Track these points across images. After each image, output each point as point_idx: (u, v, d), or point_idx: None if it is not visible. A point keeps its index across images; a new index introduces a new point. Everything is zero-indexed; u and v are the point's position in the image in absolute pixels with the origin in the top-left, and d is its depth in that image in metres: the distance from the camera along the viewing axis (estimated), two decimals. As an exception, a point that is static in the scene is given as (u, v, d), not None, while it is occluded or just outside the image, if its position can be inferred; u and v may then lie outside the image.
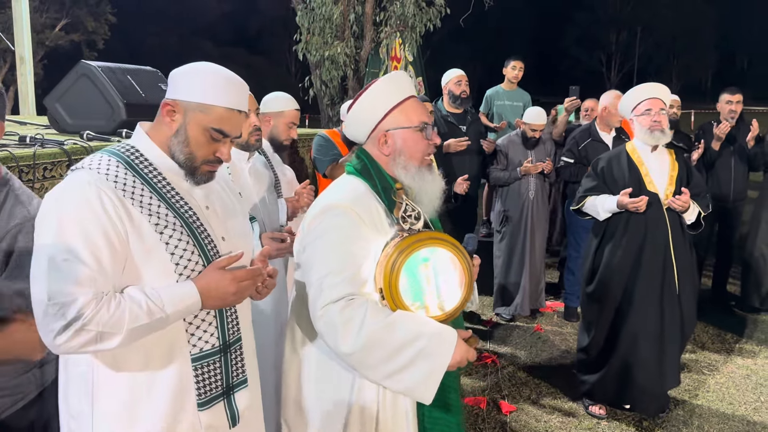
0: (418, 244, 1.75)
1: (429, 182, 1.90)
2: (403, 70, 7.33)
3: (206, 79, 1.60)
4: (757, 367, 4.39)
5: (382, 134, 1.88)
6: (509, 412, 3.74)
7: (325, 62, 7.44)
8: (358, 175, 1.89)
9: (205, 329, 1.62)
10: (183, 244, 1.57)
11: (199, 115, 1.59)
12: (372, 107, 1.89)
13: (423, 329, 1.70)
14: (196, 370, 1.60)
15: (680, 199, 3.33)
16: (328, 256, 1.74)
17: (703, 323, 5.19)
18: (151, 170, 1.60)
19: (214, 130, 1.60)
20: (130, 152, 1.60)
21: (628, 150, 3.55)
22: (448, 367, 1.70)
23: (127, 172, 1.55)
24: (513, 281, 5.23)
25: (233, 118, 1.62)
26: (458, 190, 4.61)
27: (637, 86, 3.55)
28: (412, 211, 1.86)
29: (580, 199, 3.64)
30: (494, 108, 6.40)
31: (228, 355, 1.67)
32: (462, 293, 1.83)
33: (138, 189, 1.54)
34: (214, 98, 1.59)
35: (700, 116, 18.16)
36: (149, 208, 1.54)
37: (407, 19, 7.30)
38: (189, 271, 1.57)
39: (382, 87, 1.89)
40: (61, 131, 3.53)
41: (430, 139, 1.92)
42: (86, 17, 28.26)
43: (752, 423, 3.65)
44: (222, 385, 1.66)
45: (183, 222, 1.59)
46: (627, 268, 3.46)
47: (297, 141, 5.25)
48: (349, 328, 1.66)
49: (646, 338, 3.44)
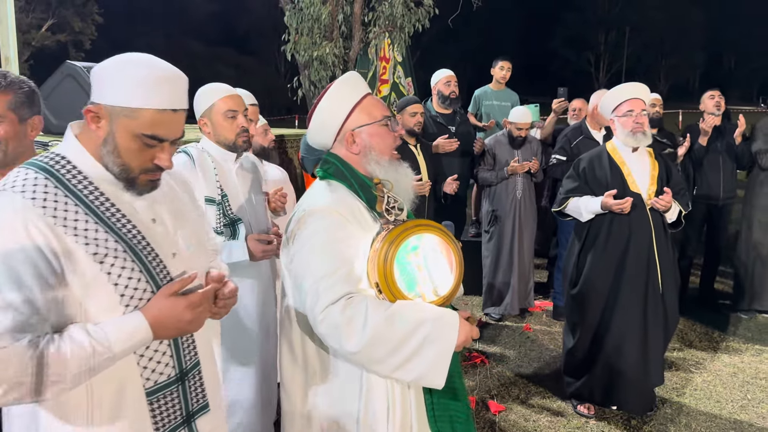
0: (406, 232, 1.75)
1: (402, 175, 1.92)
2: (411, 80, 7.36)
3: (130, 77, 1.37)
4: (744, 365, 4.42)
5: (349, 134, 1.89)
6: (498, 412, 3.74)
7: (313, 62, 7.42)
8: (332, 178, 1.90)
9: (159, 360, 1.46)
10: (128, 272, 1.39)
11: (126, 121, 1.38)
12: (333, 111, 1.89)
13: (425, 315, 1.70)
14: (152, 404, 1.46)
15: (663, 199, 3.34)
16: (318, 260, 1.73)
17: (691, 322, 5.22)
18: (86, 185, 1.40)
19: (146, 136, 1.39)
20: (59, 164, 1.40)
21: (608, 150, 3.55)
22: (455, 348, 1.71)
23: (58, 191, 1.35)
24: (502, 281, 5.24)
25: (167, 119, 1.41)
26: (448, 189, 4.61)
27: (618, 86, 3.55)
28: (395, 202, 1.88)
29: (562, 201, 3.63)
30: (482, 108, 6.41)
31: (186, 382, 1.54)
32: (455, 276, 1.84)
33: (71, 212, 1.35)
34: (141, 100, 1.37)
35: (688, 116, 18.29)
36: (85, 235, 1.35)
37: (396, 19, 7.30)
38: (137, 301, 1.40)
39: (337, 90, 1.90)
40: (46, 132, 3.50)
41: (395, 131, 1.94)
42: (73, 17, 28.08)
43: (739, 421, 3.68)
44: (182, 414, 1.53)
45: (126, 246, 1.40)
46: (611, 270, 3.47)
47: (285, 141, 5.24)
48: (353, 327, 1.65)
49: (632, 338, 3.45)
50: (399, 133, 1.96)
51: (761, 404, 3.86)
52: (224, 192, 2.58)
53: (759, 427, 3.60)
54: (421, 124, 4.47)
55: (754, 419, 3.69)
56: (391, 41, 7.37)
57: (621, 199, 3.34)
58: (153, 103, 1.38)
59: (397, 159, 1.94)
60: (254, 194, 2.76)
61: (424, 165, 4.48)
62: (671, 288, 3.51)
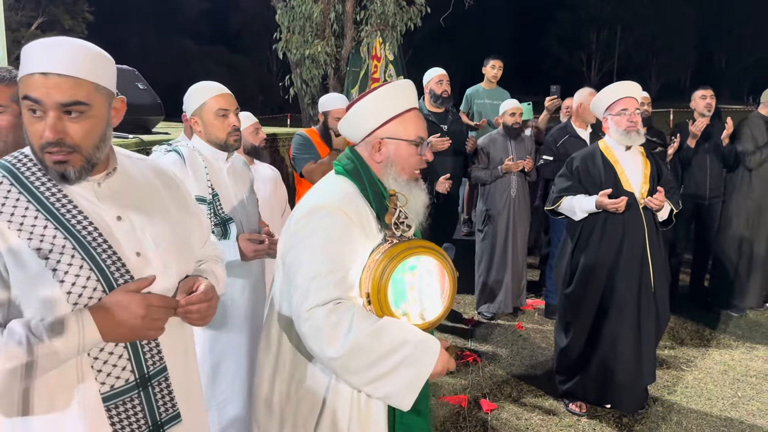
0: (408, 251, 1.73)
1: (416, 196, 1.90)
2: (403, 78, 7.33)
3: (24, 52, 1.37)
4: (735, 363, 4.45)
5: (378, 140, 1.87)
6: (490, 411, 3.74)
7: (305, 61, 7.41)
8: (347, 176, 1.87)
9: (115, 363, 1.42)
10: (75, 269, 1.36)
11: (19, 92, 1.36)
12: (373, 111, 1.87)
13: (409, 337, 1.68)
14: (110, 410, 1.41)
15: (657, 198, 3.35)
16: (316, 258, 1.70)
17: (681, 319, 5.25)
18: (44, 182, 1.40)
19: (24, 98, 1.34)
20: (21, 162, 1.42)
21: (601, 149, 3.56)
22: (430, 376, 1.69)
23: (12, 188, 1.37)
24: (496, 279, 5.24)
25: (39, 81, 1.33)
26: (440, 189, 4.61)
27: (611, 85, 3.55)
28: (405, 218, 1.85)
29: (555, 200, 3.62)
30: (474, 107, 6.42)
31: (149, 389, 1.48)
32: (444, 305, 1.83)
33: (20, 208, 1.35)
34: (23, 68, 1.36)
35: (679, 114, 18.36)
36: (31, 231, 1.34)
37: (388, 18, 7.29)
38: (86, 299, 1.36)
39: (386, 93, 1.88)
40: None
41: (423, 154, 1.91)
42: (63, 15, 27.87)
43: (729, 418, 3.70)
44: (146, 423, 1.48)
45: (75, 241, 1.37)
46: (605, 269, 3.48)
47: (277, 140, 5.22)
48: (336, 333, 1.63)
49: (626, 337, 3.46)
50: (427, 158, 1.93)
51: (751, 401, 3.88)
52: (215, 191, 2.57)
53: (749, 424, 3.62)
54: None
55: (744, 416, 3.71)
56: (383, 40, 7.37)
57: (615, 198, 3.35)
58: (27, 69, 1.35)
59: (415, 180, 1.92)
60: (245, 194, 2.74)
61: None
62: (662, 286, 3.52)
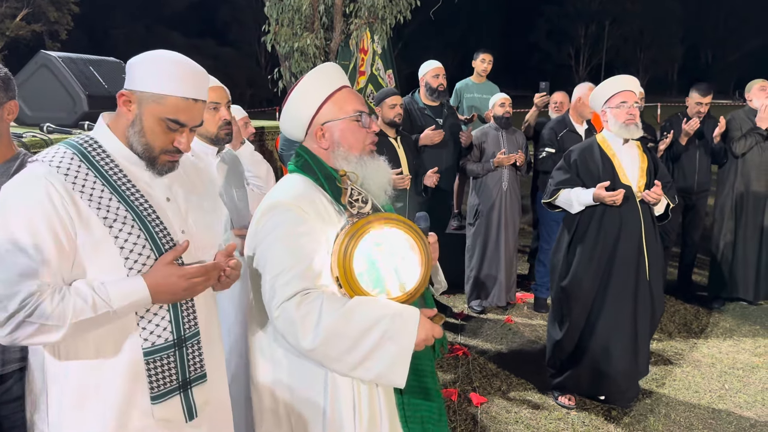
0: (368, 226, 1.73)
1: (373, 169, 1.88)
2: (392, 72, 7.30)
3: (161, 68, 1.59)
4: (722, 356, 4.49)
5: (318, 128, 1.86)
6: (480, 404, 3.75)
7: (294, 54, 7.34)
8: (300, 172, 1.87)
9: (158, 323, 1.61)
10: (134, 237, 1.56)
11: (154, 106, 1.59)
12: (304, 102, 1.86)
13: (383, 311, 1.66)
14: (149, 364, 1.59)
15: (655, 192, 3.36)
16: (277, 255, 1.71)
17: (670, 313, 5.29)
18: (108, 162, 1.60)
19: (170, 120, 1.59)
20: (88, 144, 1.61)
21: (599, 142, 3.56)
22: (414, 346, 1.66)
23: (81, 165, 1.56)
24: (488, 273, 5.24)
25: (189, 107, 1.62)
26: (428, 182, 4.60)
27: (610, 78, 3.56)
28: (359, 195, 1.84)
29: (552, 192, 3.62)
30: (464, 101, 6.41)
31: (184, 349, 1.66)
32: (421, 271, 1.80)
33: (90, 182, 1.55)
34: (168, 88, 1.58)
35: (666, 109, 18.48)
36: (99, 202, 1.54)
37: (377, 10, 7.24)
38: (140, 266, 1.57)
39: (311, 81, 1.87)
40: (20, 123, 3.42)
41: (368, 127, 1.89)
42: (48, 7, 27.52)
43: (717, 410, 3.73)
44: (177, 380, 1.65)
45: (135, 215, 1.58)
46: (602, 262, 3.48)
47: (266, 133, 5.19)
48: (307, 323, 1.62)
49: (622, 330, 3.47)
50: (372, 129, 1.91)
51: (738, 394, 3.92)
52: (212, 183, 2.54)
53: (736, 416, 3.66)
54: (401, 116, 4.44)
55: (731, 408, 3.74)
56: (372, 33, 7.33)
57: (612, 191, 3.35)
58: (179, 92, 1.59)
59: (369, 154, 1.90)
60: (236, 189, 2.72)
61: (405, 158, 4.46)
62: (658, 278, 3.54)
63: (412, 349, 1.66)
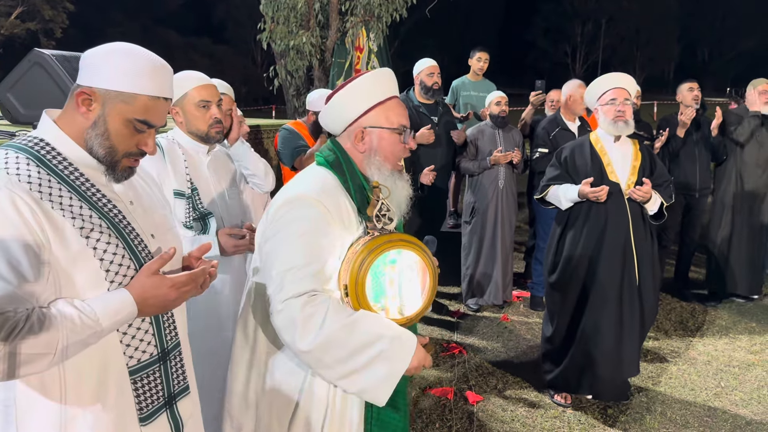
0: (389, 244, 1.71)
1: (399, 188, 1.87)
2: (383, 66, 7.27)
3: (128, 63, 1.44)
4: (718, 354, 4.49)
5: (360, 130, 1.84)
6: (476, 402, 3.75)
7: (290, 52, 7.33)
8: (329, 168, 1.84)
9: (141, 338, 1.50)
10: (112, 247, 1.42)
11: (121, 106, 1.44)
12: (354, 100, 1.85)
13: (384, 332, 1.66)
14: (135, 383, 1.49)
15: (641, 190, 3.35)
16: (292, 250, 1.68)
17: (666, 310, 5.29)
18: (66, 166, 1.43)
19: (138, 121, 1.46)
20: (38, 146, 1.43)
21: (591, 140, 3.56)
22: (405, 371, 1.68)
23: (40, 170, 1.38)
24: (484, 272, 5.23)
25: (158, 106, 1.49)
26: (424, 180, 4.59)
27: (603, 76, 3.56)
28: (387, 210, 1.83)
29: (543, 188, 3.64)
30: (461, 99, 6.40)
31: (168, 362, 1.57)
32: (424, 300, 1.82)
33: (55, 189, 1.38)
34: (138, 86, 1.44)
35: (663, 107, 18.52)
36: (71, 210, 1.38)
37: (373, 8, 7.23)
38: (121, 277, 1.43)
39: (367, 82, 1.85)
40: (14, 122, 3.41)
41: (406, 143, 1.89)
42: (43, 5, 27.44)
43: (713, 408, 3.73)
44: (164, 395, 1.56)
45: (109, 223, 1.44)
46: (588, 258, 3.48)
47: (261, 132, 5.17)
48: (309, 326, 1.61)
49: (607, 328, 3.45)
50: (410, 146, 1.90)
51: (734, 392, 3.92)
52: (194, 185, 2.52)
53: (732, 414, 3.65)
54: None
55: (727, 406, 3.74)
56: (368, 31, 7.31)
57: (597, 187, 3.34)
58: (148, 90, 1.45)
59: (399, 171, 1.90)
60: (227, 187, 2.69)
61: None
62: (649, 282, 3.50)
63: (402, 373, 1.67)
